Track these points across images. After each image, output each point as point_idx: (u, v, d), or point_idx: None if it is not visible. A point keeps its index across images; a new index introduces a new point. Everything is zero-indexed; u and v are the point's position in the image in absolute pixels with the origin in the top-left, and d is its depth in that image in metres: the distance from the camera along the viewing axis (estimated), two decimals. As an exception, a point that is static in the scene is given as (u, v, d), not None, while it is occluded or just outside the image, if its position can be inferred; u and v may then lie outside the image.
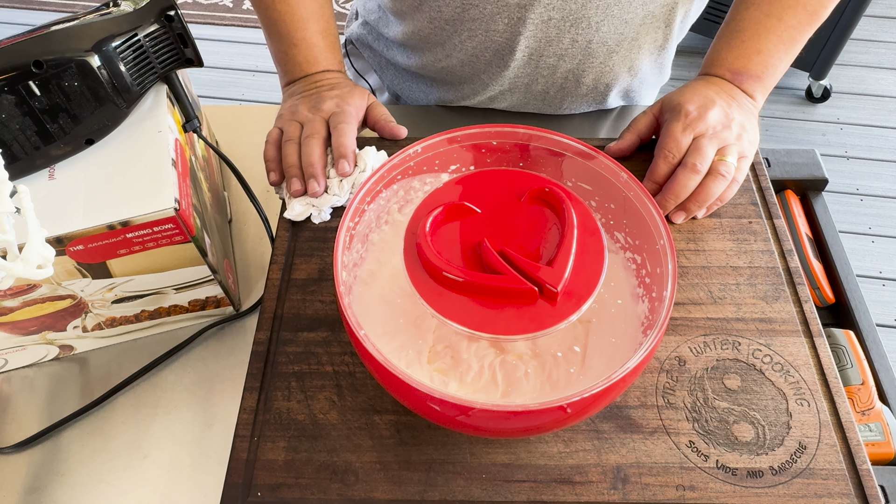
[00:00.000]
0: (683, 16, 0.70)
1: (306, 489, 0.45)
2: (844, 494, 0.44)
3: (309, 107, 0.63)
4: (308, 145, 0.59)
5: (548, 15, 0.65)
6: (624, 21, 0.66)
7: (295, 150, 0.60)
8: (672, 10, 0.68)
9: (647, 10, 0.66)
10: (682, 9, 0.68)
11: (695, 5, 0.70)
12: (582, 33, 0.67)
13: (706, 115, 0.58)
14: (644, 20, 0.67)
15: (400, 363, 0.44)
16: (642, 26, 0.68)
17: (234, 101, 2.09)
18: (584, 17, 0.65)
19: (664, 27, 0.70)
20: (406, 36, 0.74)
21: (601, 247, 0.44)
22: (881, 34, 2.22)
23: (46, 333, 0.54)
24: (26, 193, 0.40)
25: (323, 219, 0.59)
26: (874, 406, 0.55)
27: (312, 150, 0.59)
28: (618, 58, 0.71)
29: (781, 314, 0.53)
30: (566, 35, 0.67)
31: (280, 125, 0.63)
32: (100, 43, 0.48)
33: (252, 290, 0.63)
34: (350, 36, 0.87)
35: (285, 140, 0.61)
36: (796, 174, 0.69)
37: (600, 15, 0.65)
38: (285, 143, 0.61)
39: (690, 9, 0.70)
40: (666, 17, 0.69)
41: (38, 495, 0.50)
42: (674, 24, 0.70)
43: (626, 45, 0.70)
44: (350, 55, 0.89)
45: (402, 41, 0.76)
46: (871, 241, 1.71)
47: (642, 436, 0.47)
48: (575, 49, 0.68)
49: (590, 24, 0.66)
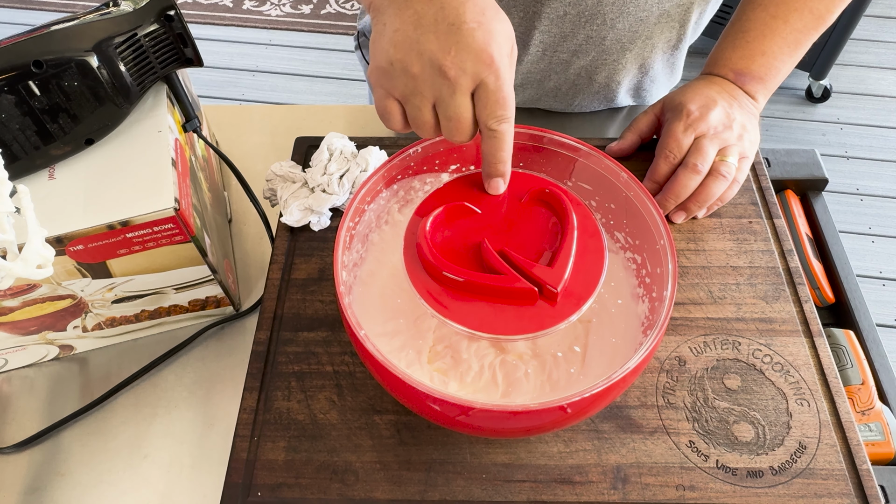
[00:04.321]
0: (699, 16, 0.70)
1: (306, 489, 0.45)
2: (844, 494, 0.44)
3: (439, 53, 0.38)
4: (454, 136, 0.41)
5: (563, 10, 0.65)
6: (639, 19, 0.66)
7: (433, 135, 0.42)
8: (688, 9, 0.67)
9: (662, 8, 0.66)
10: (698, 9, 0.68)
11: (710, 6, 0.70)
12: (597, 30, 0.66)
13: (708, 116, 0.58)
14: (659, 18, 0.67)
15: (400, 363, 0.44)
16: (657, 25, 0.68)
17: (234, 101, 2.09)
18: (600, 13, 0.65)
19: (678, 27, 0.70)
20: None
21: (601, 247, 0.44)
22: (881, 34, 2.22)
23: (46, 333, 0.54)
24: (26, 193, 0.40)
25: (322, 225, 0.59)
26: (874, 406, 0.55)
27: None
28: (631, 55, 0.71)
29: (781, 314, 0.53)
30: (581, 31, 0.67)
31: (385, 85, 0.41)
32: (100, 43, 0.48)
33: (252, 290, 0.63)
34: (363, 28, 0.87)
35: (411, 119, 0.41)
36: (796, 174, 0.69)
37: (615, 11, 0.65)
38: (415, 126, 0.42)
39: (705, 9, 0.70)
40: (681, 17, 0.68)
41: (38, 495, 0.50)
42: (688, 23, 0.70)
43: (640, 43, 0.70)
44: (362, 47, 0.88)
45: None
46: (871, 241, 1.71)
47: (642, 436, 0.47)
48: (589, 45, 0.68)
49: (605, 20, 0.65)
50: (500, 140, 0.41)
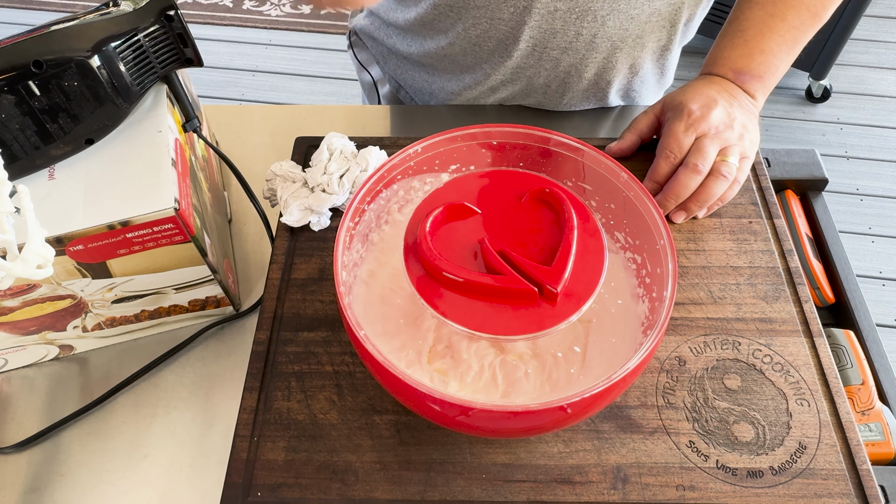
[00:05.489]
0: (688, 18, 0.70)
1: (306, 489, 0.45)
2: (844, 494, 0.44)
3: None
4: None
5: (554, 6, 0.65)
6: (630, 17, 0.66)
7: None
8: (678, 9, 0.68)
9: (653, 7, 0.66)
10: (688, 11, 0.69)
11: (699, 10, 0.70)
12: (587, 26, 0.67)
13: (709, 115, 0.57)
14: (650, 17, 0.67)
15: (400, 363, 0.44)
16: (647, 24, 0.68)
17: (234, 101, 2.09)
18: (591, 9, 0.65)
19: (669, 27, 0.70)
20: (409, 22, 0.74)
21: (601, 247, 0.44)
22: (881, 34, 2.22)
23: (46, 333, 0.54)
24: (26, 193, 0.40)
25: (322, 226, 0.59)
26: (874, 406, 0.55)
27: None
28: (621, 54, 0.71)
29: (781, 314, 0.53)
30: (571, 27, 0.67)
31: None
32: (100, 43, 0.48)
33: (252, 290, 0.63)
34: (354, 27, 0.87)
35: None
36: (796, 174, 0.69)
37: (606, 9, 0.65)
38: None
39: (695, 13, 0.70)
40: (671, 17, 0.69)
41: (38, 495, 0.50)
42: (678, 24, 0.70)
43: (630, 42, 0.70)
44: (354, 46, 0.89)
45: (405, 28, 0.76)
46: (871, 241, 1.71)
47: (642, 436, 0.47)
48: (579, 42, 0.68)
49: (595, 17, 0.66)
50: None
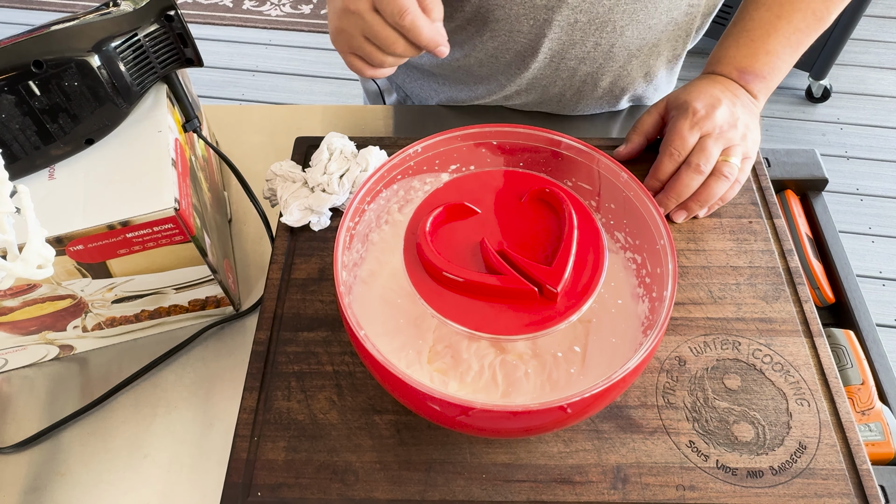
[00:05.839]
0: (700, 24, 0.71)
1: (306, 489, 0.45)
2: (844, 494, 0.44)
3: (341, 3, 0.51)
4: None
5: (574, 17, 0.65)
6: (648, 26, 0.66)
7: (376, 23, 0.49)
8: (693, 18, 0.68)
9: (670, 16, 0.66)
10: (701, 18, 0.69)
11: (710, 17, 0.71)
12: (606, 37, 0.67)
13: (714, 115, 0.58)
14: (667, 27, 0.68)
15: (400, 363, 0.44)
16: (664, 33, 0.69)
17: (234, 101, 2.09)
18: (610, 20, 0.65)
19: (684, 35, 0.71)
20: None
21: (601, 247, 0.44)
22: (881, 34, 2.22)
23: (46, 333, 0.54)
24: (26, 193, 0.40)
25: (322, 225, 0.59)
26: (874, 406, 0.55)
27: None
28: (637, 63, 0.71)
29: (781, 314, 0.53)
30: (590, 38, 0.67)
31: (340, 46, 0.54)
32: (100, 43, 0.48)
33: (252, 290, 0.63)
34: None
35: (366, 56, 0.53)
36: (796, 174, 0.69)
37: (626, 19, 0.65)
38: (370, 60, 0.53)
39: (707, 20, 0.71)
40: (687, 26, 0.69)
41: (38, 495, 0.50)
42: (692, 32, 0.71)
43: (647, 51, 0.70)
44: None
45: None
46: (871, 241, 1.71)
47: (642, 436, 0.47)
48: (597, 53, 0.69)
49: (615, 27, 0.66)
50: (409, 30, 0.49)
